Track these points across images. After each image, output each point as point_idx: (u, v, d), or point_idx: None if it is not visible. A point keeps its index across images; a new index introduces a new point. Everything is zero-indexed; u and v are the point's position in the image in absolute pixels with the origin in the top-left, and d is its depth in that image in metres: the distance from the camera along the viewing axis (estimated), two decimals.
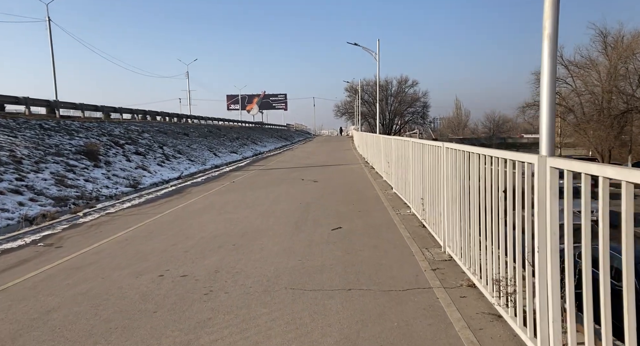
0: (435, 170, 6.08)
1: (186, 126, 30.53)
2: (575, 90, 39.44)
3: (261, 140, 42.51)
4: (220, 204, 10.39)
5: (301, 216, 8.54)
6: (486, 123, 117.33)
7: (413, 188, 8.16)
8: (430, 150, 6.33)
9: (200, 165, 20.75)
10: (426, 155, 6.72)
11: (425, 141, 7.02)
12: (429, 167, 6.51)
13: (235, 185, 14.21)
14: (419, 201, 7.64)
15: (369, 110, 78.34)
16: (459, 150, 4.90)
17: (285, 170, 19.08)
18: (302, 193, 11.76)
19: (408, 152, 8.54)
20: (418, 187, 7.63)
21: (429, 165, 6.50)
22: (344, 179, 14.70)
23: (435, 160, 6.01)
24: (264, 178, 15.82)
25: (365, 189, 12.11)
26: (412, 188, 8.23)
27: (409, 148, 8.36)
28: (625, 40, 37.30)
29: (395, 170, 10.74)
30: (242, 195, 11.81)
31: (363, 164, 20.43)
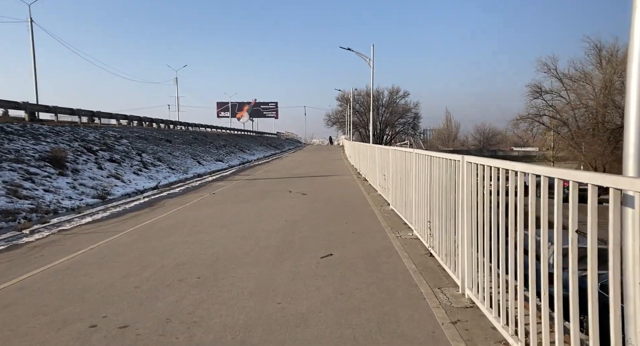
0: (450, 189, 4.92)
1: (170, 132, 29.17)
2: (569, 104, 38.93)
3: (249, 148, 41.24)
4: (194, 221, 9.11)
5: (286, 238, 7.31)
6: (476, 136, 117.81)
7: (417, 208, 6.98)
8: (444, 165, 5.17)
9: (181, 174, 19.41)
10: (436, 170, 5.56)
11: (434, 153, 5.87)
12: (440, 185, 5.34)
13: (216, 197, 12.92)
14: (424, 223, 6.47)
15: (360, 120, 77.63)
16: (493, 167, 3.74)
17: (273, 180, 17.84)
18: (289, 208, 10.53)
19: (410, 165, 7.38)
20: (423, 207, 6.46)
21: (440, 183, 5.34)
22: (335, 192, 13.50)
23: (451, 177, 4.85)
24: (248, 190, 14.55)
25: (359, 204, 10.92)
26: (416, 208, 7.06)
27: (412, 161, 7.20)
28: (619, 54, 36.97)
29: (393, 185, 9.57)
30: (221, 209, 10.54)
31: (355, 175, 19.28)
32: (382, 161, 11.46)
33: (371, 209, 10.10)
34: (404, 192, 8.14)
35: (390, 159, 9.67)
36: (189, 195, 13.52)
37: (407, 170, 7.78)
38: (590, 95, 36.42)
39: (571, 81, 38.58)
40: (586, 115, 37.04)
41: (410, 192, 7.48)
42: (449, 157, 4.95)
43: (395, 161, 9.16)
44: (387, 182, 10.58)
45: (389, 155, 9.93)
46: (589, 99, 36.32)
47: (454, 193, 4.76)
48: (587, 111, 35.93)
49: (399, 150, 8.60)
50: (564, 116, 38.66)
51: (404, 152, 8.06)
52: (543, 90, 39.23)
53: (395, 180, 9.23)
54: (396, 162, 8.97)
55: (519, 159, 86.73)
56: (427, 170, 6.09)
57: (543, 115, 40.46)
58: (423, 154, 6.47)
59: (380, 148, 11.78)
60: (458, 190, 4.57)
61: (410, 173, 7.46)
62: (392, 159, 9.55)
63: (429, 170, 6.02)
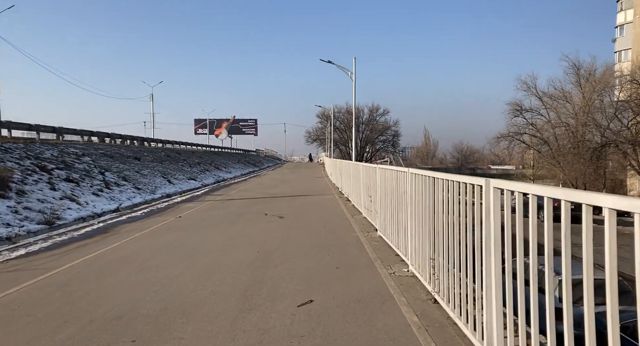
0: (469, 222, 3.77)
1: (140, 150, 27.54)
2: (549, 122, 38.94)
3: (226, 165, 39.72)
4: (149, 252, 7.72)
5: (256, 276, 6.01)
6: (454, 154, 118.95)
7: (412, 238, 5.81)
8: (457, 189, 4.03)
9: (148, 194, 17.87)
10: (445, 196, 4.42)
11: (439, 174, 4.74)
12: (452, 215, 4.19)
13: (181, 221, 11.51)
14: (422, 258, 5.30)
15: (340, 137, 77.07)
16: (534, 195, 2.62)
17: (248, 201, 16.50)
18: (263, 234, 9.23)
19: (405, 187, 6.24)
20: (421, 238, 5.30)
21: (453, 213, 4.18)
22: (316, 215, 12.27)
23: (472, 207, 3.70)
24: (219, 212, 13.18)
25: (343, 229, 9.71)
26: (410, 237, 5.88)
27: (407, 182, 6.06)
28: (597, 74, 37.33)
29: (381, 209, 8.40)
30: (184, 237, 9.16)
31: (337, 195, 18.10)
32: (368, 180, 10.31)
33: (356, 236, 8.89)
34: (395, 218, 6.98)
35: (379, 179, 8.53)
36: (151, 219, 12.06)
37: (399, 193, 6.62)
38: (570, 113, 36.47)
39: (551, 99, 38.66)
40: (566, 133, 37.02)
41: (404, 218, 6.32)
42: (468, 180, 3.82)
43: (384, 181, 8.01)
44: (375, 204, 9.42)
45: (377, 175, 8.78)
46: (569, 117, 36.35)
47: (474, 227, 3.61)
48: (567, 130, 35.89)
49: (390, 169, 7.46)
50: (544, 134, 38.57)
51: (396, 172, 6.91)
52: (523, 109, 39.21)
53: (384, 203, 8.07)
54: (386, 182, 7.82)
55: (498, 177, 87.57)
56: (430, 194, 4.94)
57: (524, 134, 40.35)
58: (423, 175, 5.33)
59: (366, 167, 10.64)
60: (484, 223, 3.42)
61: (404, 196, 6.31)
62: (380, 179, 8.40)
63: (432, 195, 4.87)
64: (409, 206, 6.01)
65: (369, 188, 10.28)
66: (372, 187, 9.52)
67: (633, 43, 50.63)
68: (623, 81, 30.04)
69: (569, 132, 36.44)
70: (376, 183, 8.91)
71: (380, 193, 8.38)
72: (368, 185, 10.30)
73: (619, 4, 54.09)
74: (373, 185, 9.42)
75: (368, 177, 10.21)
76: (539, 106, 39.93)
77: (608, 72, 35.33)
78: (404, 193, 6.29)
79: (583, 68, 36.95)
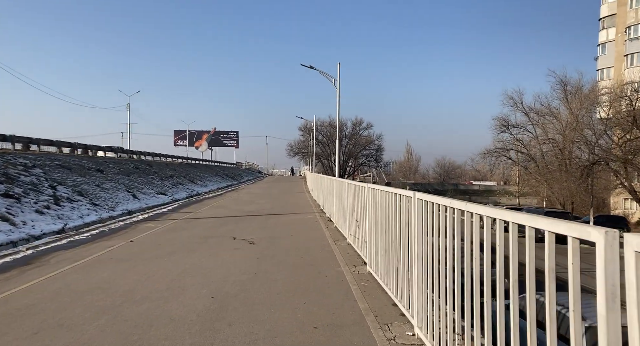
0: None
1: (105, 161, 25.38)
2: (536, 139, 38.20)
3: (202, 178, 37.64)
4: (67, 298, 5.84)
5: (201, 342, 4.23)
6: (436, 169, 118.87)
7: (424, 292, 4.14)
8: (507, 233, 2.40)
9: (105, 212, 15.84)
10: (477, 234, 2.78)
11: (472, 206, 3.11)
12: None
13: (131, 247, 9.61)
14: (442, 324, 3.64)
15: (322, 151, 75.65)
16: None
17: (218, 220, 14.64)
18: (225, 268, 7.44)
19: (407, 217, 4.59)
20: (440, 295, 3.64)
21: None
22: (293, 239, 10.51)
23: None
24: (180, 235, 11.29)
25: (324, 261, 7.98)
26: (422, 291, 4.21)
27: (412, 211, 4.42)
28: (584, 90, 36.83)
29: (372, 239, 6.72)
30: (125, 271, 7.29)
31: (318, 213, 16.39)
32: (354, 202, 8.63)
33: (341, 272, 7.16)
34: (393, 255, 5.31)
35: (370, 202, 6.85)
36: (96, 243, 10.11)
37: (401, 224, 4.97)
38: (557, 129, 35.73)
39: (537, 115, 37.99)
40: (553, 150, 36.24)
41: (406, 259, 4.68)
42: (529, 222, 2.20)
43: (377, 206, 6.34)
44: (363, 230, 7.74)
45: (367, 197, 7.11)
46: (556, 134, 35.60)
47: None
48: (554, 146, 35.07)
49: (387, 191, 5.79)
50: (531, 151, 37.75)
51: (395, 195, 5.24)
52: (510, 124, 38.40)
53: (376, 232, 6.40)
54: (379, 208, 6.15)
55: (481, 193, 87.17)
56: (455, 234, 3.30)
57: (510, 150, 39.50)
58: (440, 204, 3.69)
59: (352, 186, 8.96)
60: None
61: (406, 229, 4.66)
62: (371, 202, 6.73)
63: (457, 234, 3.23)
64: (415, 244, 4.35)
65: (355, 211, 8.60)
66: (361, 210, 7.85)
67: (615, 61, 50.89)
68: (613, 98, 29.45)
69: (556, 149, 35.68)
70: (365, 207, 7.24)
71: (372, 220, 6.70)
72: (354, 207, 8.62)
73: (601, 22, 54.53)
74: (361, 208, 7.74)
75: (355, 197, 8.53)
76: (525, 122, 39.27)
77: (596, 88, 34.82)
78: (408, 226, 4.63)
79: (570, 84, 36.47)
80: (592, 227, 1.82)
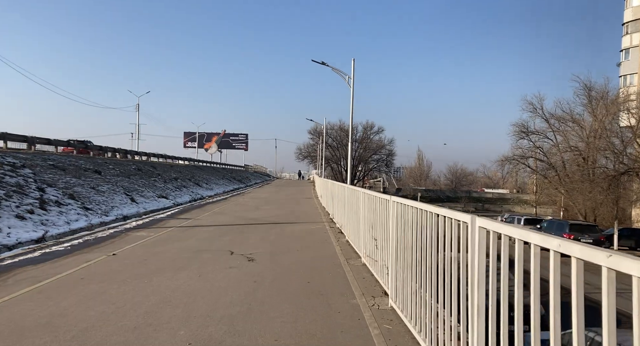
0: None
1: (105, 162, 24.25)
2: (557, 146, 36.39)
3: (208, 181, 36.45)
4: (4, 338, 4.51)
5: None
6: (448, 175, 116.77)
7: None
8: None
9: (97, 217, 14.60)
10: None
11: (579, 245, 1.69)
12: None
13: (111, 263, 8.28)
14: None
15: (332, 155, 74.25)
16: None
17: (217, 229, 13.31)
18: (214, 296, 6.07)
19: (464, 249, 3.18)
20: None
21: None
22: (299, 257, 9.11)
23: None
24: (171, 248, 9.96)
25: (335, 289, 6.57)
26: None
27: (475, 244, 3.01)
28: (610, 96, 35.00)
29: (396, 267, 5.30)
30: (90, 298, 5.94)
31: (327, 223, 14.99)
32: (372, 217, 7.20)
33: (357, 306, 5.74)
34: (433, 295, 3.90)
35: (393, 219, 5.43)
36: (74, 256, 8.81)
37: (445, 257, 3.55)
38: (581, 137, 33.91)
39: (559, 122, 36.17)
40: (575, 158, 34.40)
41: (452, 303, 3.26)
42: None
43: (404, 226, 4.93)
44: (383, 253, 6.33)
45: (389, 212, 5.69)
46: (580, 142, 33.78)
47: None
48: (578, 155, 33.23)
49: (418, 207, 4.36)
50: (552, 159, 35.94)
51: (438, 216, 3.82)
52: (530, 131, 36.63)
53: (404, 259, 4.98)
54: (409, 228, 4.73)
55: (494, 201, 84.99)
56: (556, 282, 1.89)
57: (529, 157, 37.71)
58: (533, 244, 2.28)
59: (369, 197, 7.50)
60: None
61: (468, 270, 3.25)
62: (396, 219, 5.31)
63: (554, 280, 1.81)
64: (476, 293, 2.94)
65: (373, 227, 7.18)
66: (381, 228, 6.43)
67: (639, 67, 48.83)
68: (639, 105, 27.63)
69: (579, 158, 33.84)
70: (388, 225, 5.82)
71: (397, 243, 5.29)
72: (372, 222, 7.19)
73: (625, 27, 52.56)
74: (382, 226, 6.32)
75: (373, 211, 7.10)
76: (545, 129, 37.46)
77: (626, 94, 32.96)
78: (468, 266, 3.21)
79: (594, 89, 34.59)
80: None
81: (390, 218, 5.74)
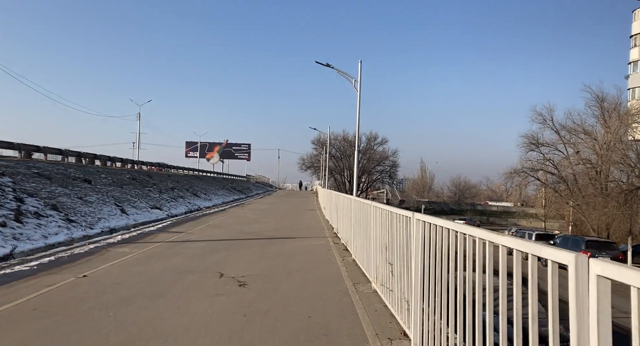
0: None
1: (97, 170, 23.11)
2: (568, 159, 35.12)
3: (207, 191, 35.25)
4: None
5: None
6: (451, 187, 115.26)
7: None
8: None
9: (80, 230, 13.39)
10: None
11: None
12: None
13: (76, 288, 7.05)
14: None
15: (335, 166, 73.15)
16: None
17: (209, 245, 12.07)
18: (192, 335, 4.84)
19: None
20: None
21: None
22: (298, 281, 7.86)
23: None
24: (152, 268, 8.71)
25: (343, 329, 5.32)
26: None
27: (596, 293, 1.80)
28: (622, 107, 33.84)
29: (420, 302, 4.06)
30: (35, 339, 4.72)
31: (331, 238, 13.75)
32: (388, 237, 5.96)
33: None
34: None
35: (417, 242, 4.21)
36: (36, 279, 7.58)
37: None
38: (594, 150, 32.64)
39: (569, 134, 34.94)
40: (588, 171, 33.10)
41: None
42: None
43: (432, 252, 3.71)
44: (400, 281, 5.11)
45: (412, 233, 4.47)
46: (593, 154, 32.52)
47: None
48: (591, 167, 31.94)
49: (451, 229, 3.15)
50: (563, 172, 34.65)
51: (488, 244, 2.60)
52: (540, 142, 35.40)
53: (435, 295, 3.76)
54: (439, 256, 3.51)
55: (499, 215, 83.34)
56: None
57: (539, 170, 36.41)
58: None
59: (385, 212, 6.26)
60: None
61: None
62: (425, 242, 4.09)
63: None
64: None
65: (388, 249, 5.95)
66: (399, 252, 5.20)
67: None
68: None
69: (591, 171, 32.56)
70: (410, 249, 4.60)
71: (425, 275, 4.07)
72: (388, 244, 5.96)
73: (632, 39, 51.68)
74: (401, 249, 5.10)
75: (388, 230, 5.87)
76: (555, 140, 36.25)
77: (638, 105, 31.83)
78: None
79: (607, 101, 33.44)
80: None
81: (413, 241, 4.53)
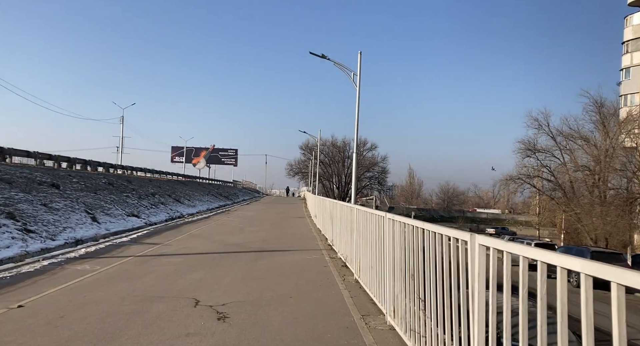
0: None
1: (68, 174, 21.24)
2: (564, 165, 34.19)
3: (191, 197, 33.43)
4: None
5: None
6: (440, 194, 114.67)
7: None
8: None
9: (39, 242, 11.64)
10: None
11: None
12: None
13: (4, 326, 5.40)
14: None
15: (324, 172, 71.64)
16: None
17: (187, 259, 10.43)
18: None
19: None
20: None
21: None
22: (292, 312, 6.29)
23: None
24: (112, 292, 7.07)
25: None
26: None
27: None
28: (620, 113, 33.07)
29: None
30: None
31: (326, 251, 12.22)
32: (416, 263, 4.45)
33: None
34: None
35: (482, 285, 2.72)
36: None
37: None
38: (591, 156, 31.72)
39: (566, 140, 34.02)
40: (585, 178, 32.15)
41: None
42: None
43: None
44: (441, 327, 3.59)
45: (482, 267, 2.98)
46: (591, 161, 31.58)
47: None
48: (589, 174, 30.98)
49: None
50: (560, 179, 33.66)
51: None
52: (536, 149, 34.40)
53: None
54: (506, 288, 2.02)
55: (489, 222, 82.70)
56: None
57: (535, 177, 35.39)
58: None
59: (405, 227, 4.78)
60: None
61: None
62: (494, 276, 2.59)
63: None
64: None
65: (414, 278, 4.44)
66: (439, 286, 3.70)
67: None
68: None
69: (589, 178, 31.62)
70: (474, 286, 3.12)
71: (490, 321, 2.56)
72: (412, 270, 4.45)
73: (625, 45, 51.40)
74: (445, 284, 3.60)
75: (414, 252, 4.36)
76: (551, 147, 35.29)
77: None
78: None
79: (605, 106, 32.62)
80: None
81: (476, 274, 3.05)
